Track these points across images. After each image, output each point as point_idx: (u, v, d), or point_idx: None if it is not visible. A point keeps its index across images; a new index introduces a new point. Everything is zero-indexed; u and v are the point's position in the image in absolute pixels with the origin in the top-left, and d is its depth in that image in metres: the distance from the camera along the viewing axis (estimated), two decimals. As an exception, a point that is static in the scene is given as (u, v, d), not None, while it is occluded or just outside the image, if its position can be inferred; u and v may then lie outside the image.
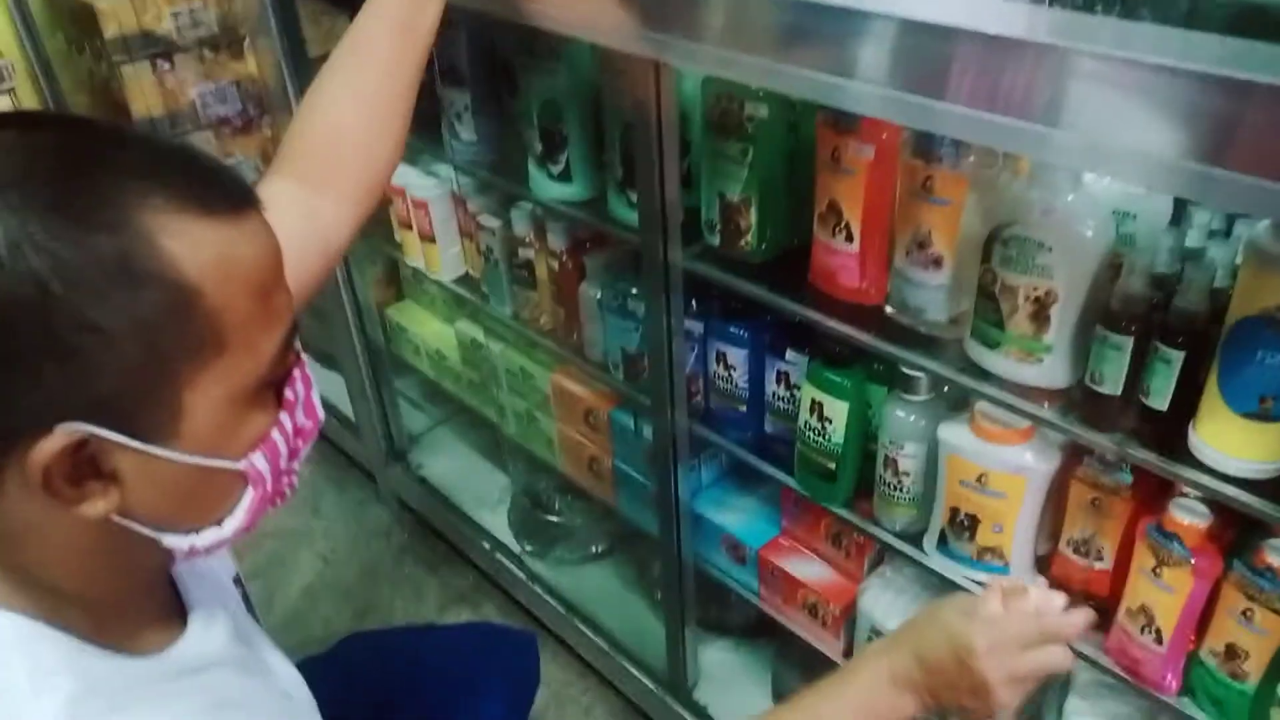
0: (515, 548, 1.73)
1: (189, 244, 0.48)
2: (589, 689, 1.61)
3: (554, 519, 1.74)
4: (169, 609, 0.63)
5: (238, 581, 0.79)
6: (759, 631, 1.47)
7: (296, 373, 0.59)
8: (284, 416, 0.57)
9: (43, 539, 0.52)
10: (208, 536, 0.56)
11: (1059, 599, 0.71)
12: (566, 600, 1.62)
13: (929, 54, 0.67)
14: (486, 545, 1.74)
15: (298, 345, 0.60)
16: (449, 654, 1.09)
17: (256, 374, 0.53)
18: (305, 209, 0.82)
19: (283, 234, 0.74)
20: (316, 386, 0.62)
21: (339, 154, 0.86)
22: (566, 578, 1.66)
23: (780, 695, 1.40)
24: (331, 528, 1.95)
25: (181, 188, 0.50)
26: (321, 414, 0.62)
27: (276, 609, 1.79)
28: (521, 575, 1.68)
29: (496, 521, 1.78)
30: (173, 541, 0.55)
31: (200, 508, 0.56)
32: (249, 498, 0.57)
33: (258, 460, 0.55)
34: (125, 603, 0.58)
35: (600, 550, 1.71)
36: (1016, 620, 0.69)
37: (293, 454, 0.59)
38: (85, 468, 0.49)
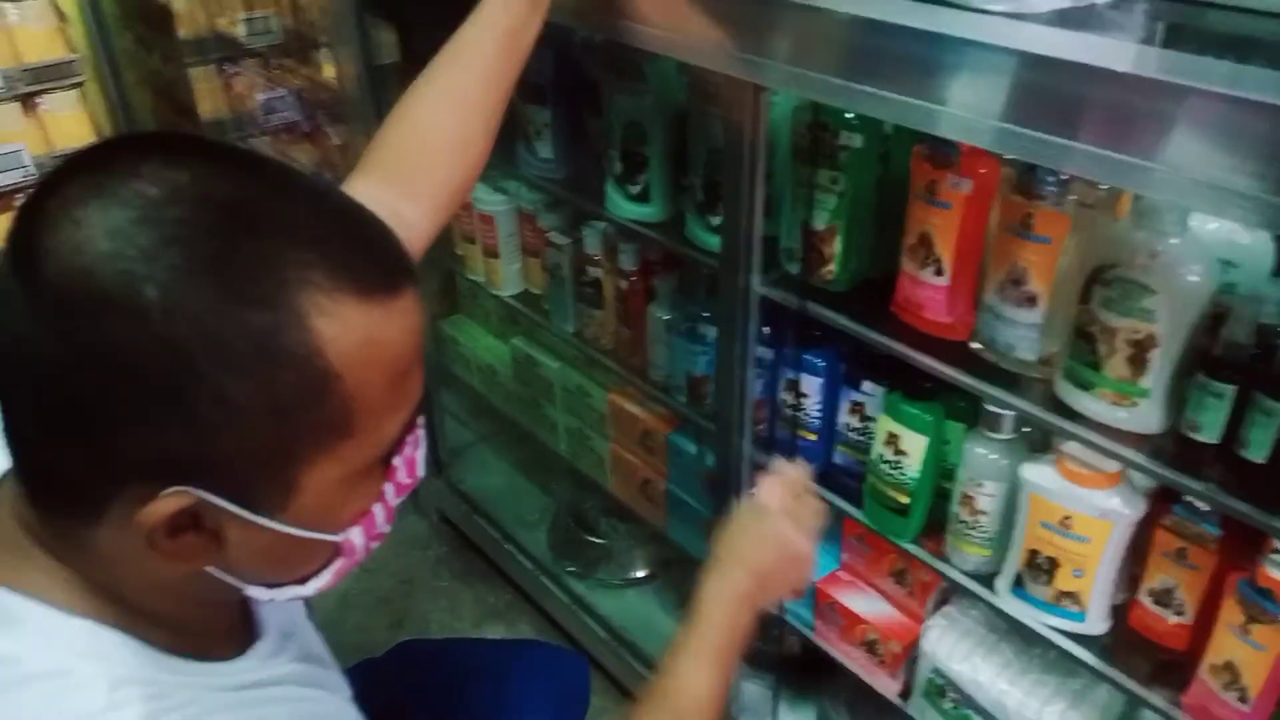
0: (554, 567, 1.72)
1: (339, 327, 0.47)
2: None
3: (597, 540, 1.73)
4: (241, 622, 0.64)
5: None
6: (804, 668, 1.45)
7: (408, 437, 0.57)
8: (389, 488, 0.56)
9: (130, 567, 0.52)
10: (288, 592, 0.57)
11: (800, 468, 0.90)
12: (605, 623, 1.60)
13: (1043, 88, 0.67)
14: (526, 563, 1.73)
15: None
16: (501, 670, 1.08)
17: (375, 455, 0.53)
18: (389, 211, 0.81)
19: None
20: (423, 446, 0.60)
21: (428, 159, 0.86)
22: (606, 600, 1.65)
23: (824, 732, 1.38)
24: (370, 536, 1.94)
25: (343, 262, 0.48)
26: (421, 473, 0.60)
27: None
28: (560, 594, 1.67)
29: (535, 540, 1.78)
30: (255, 593, 0.55)
31: (289, 570, 0.56)
32: (337, 564, 0.57)
33: (355, 534, 0.55)
34: (200, 623, 0.58)
35: (641, 575, 1.69)
36: (796, 502, 0.87)
37: (388, 516, 0.58)
38: (187, 522, 0.49)
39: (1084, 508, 0.87)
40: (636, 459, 1.44)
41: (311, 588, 0.57)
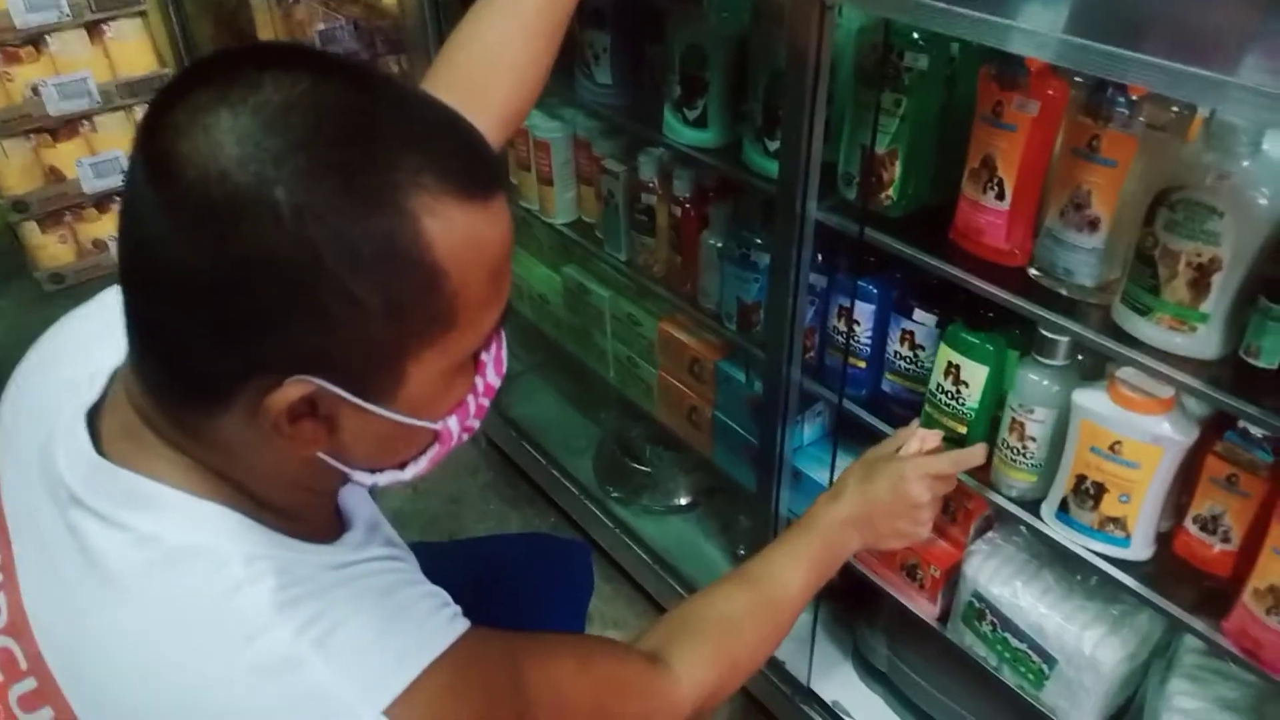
0: (599, 493, 1.76)
1: (446, 227, 0.49)
2: (664, 636, 1.64)
3: (642, 467, 1.76)
4: (334, 514, 0.67)
5: (371, 492, 0.83)
6: (842, 593, 1.48)
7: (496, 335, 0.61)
8: (478, 380, 0.59)
9: (246, 455, 0.55)
10: (388, 476, 0.61)
11: (937, 436, 0.98)
12: (649, 548, 1.64)
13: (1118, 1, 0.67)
14: (572, 488, 1.78)
15: None
16: (505, 561, 1.12)
17: (473, 348, 0.56)
18: None
19: None
20: (505, 346, 0.64)
21: (490, 79, 0.88)
22: (649, 526, 1.69)
23: (861, 657, 1.42)
24: (421, 460, 2.00)
25: (449, 165, 0.50)
26: (505, 368, 0.64)
27: (365, 532, 1.85)
28: (604, 519, 1.71)
29: (581, 467, 1.82)
30: (359, 477, 0.59)
31: (392, 455, 0.60)
32: (434, 450, 0.61)
33: (451, 422, 0.59)
34: (304, 509, 0.62)
35: (685, 502, 1.73)
36: (933, 458, 0.94)
37: (479, 411, 0.62)
38: (306, 409, 0.52)
39: (1135, 433, 0.88)
40: (685, 386, 1.46)
41: (410, 472, 0.61)
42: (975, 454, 0.96)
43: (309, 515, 0.62)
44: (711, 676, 0.79)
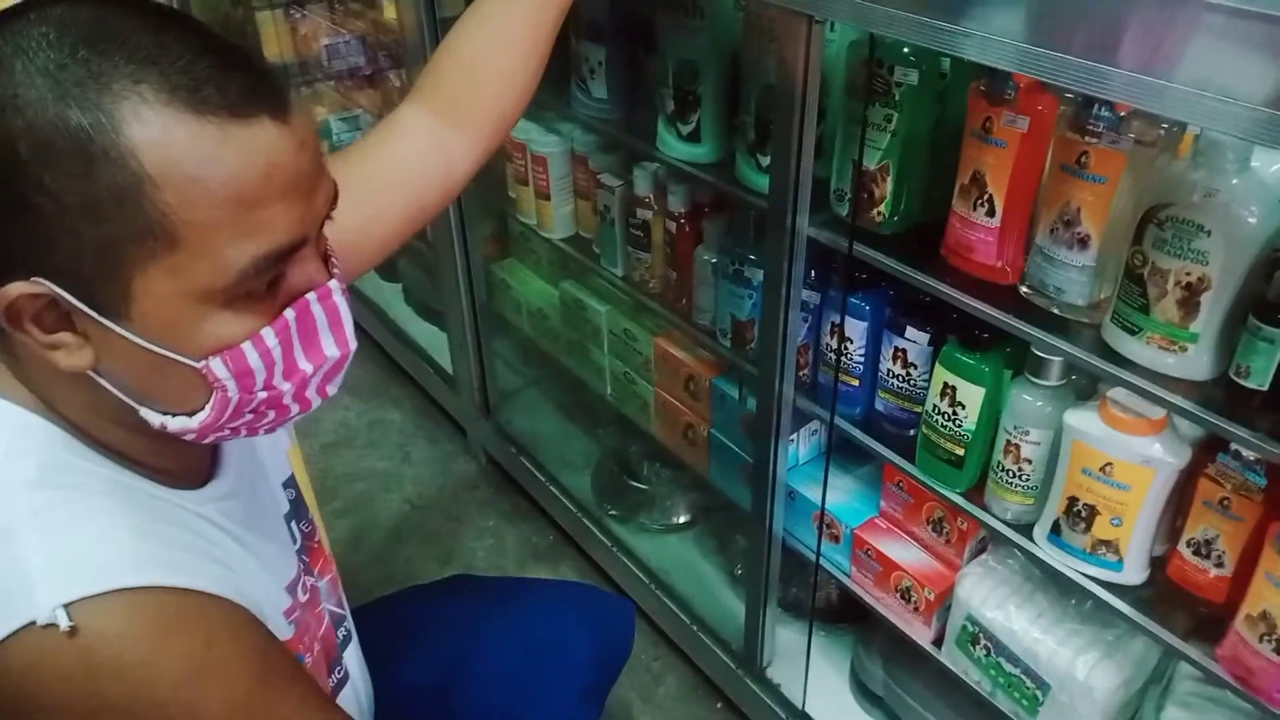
0: (597, 510, 1.75)
1: (159, 136, 0.50)
2: (660, 657, 1.62)
3: (640, 485, 1.75)
4: (200, 474, 0.67)
5: (289, 485, 0.82)
6: (838, 615, 1.46)
7: (313, 296, 0.58)
8: (269, 333, 0.57)
9: (49, 372, 0.57)
10: (178, 422, 0.59)
11: None
12: (645, 566, 1.63)
13: (1102, 15, 0.66)
14: (570, 506, 1.76)
15: (335, 271, 0.60)
16: (549, 605, 1.11)
17: (220, 280, 0.53)
18: (435, 138, 0.85)
19: (411, 160, 0.79)
20: (349, 318, 0.61)
21: (474, 88, 0.88)
22: (647, 545, 1.68)
23: (858, 681, 1.39)
24: (420, 475, 2.00)
25: (182, 83, 0.50)
26: (352, 346, 0.62)
27: (362, 547, 1.84)
28: (602, 538, 1.70)
29: (580, 484, 1.81)
30: (148, 415, 0.58)
31: (165, 393, 0.58)
32: (215, 400, 0.58)
33: (216, 365, 0.56)
34: (147, 458, 0.62)
35: (683, 521, 1.72)
36: None
37: (292, 375, 0.59)
38: (61, 322, 0.54)
39: (1126, 454, 0.86)
40: (681, 403, 1.45)
41: (196, 422, 0.58)
42: None
43: (155, 465, 0.62)
44: None
